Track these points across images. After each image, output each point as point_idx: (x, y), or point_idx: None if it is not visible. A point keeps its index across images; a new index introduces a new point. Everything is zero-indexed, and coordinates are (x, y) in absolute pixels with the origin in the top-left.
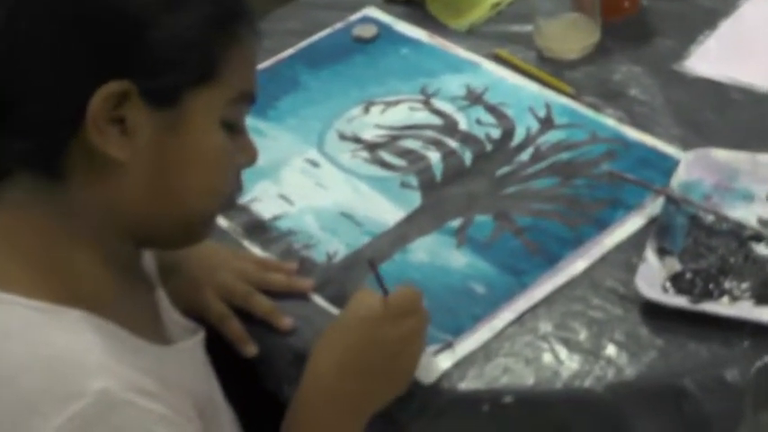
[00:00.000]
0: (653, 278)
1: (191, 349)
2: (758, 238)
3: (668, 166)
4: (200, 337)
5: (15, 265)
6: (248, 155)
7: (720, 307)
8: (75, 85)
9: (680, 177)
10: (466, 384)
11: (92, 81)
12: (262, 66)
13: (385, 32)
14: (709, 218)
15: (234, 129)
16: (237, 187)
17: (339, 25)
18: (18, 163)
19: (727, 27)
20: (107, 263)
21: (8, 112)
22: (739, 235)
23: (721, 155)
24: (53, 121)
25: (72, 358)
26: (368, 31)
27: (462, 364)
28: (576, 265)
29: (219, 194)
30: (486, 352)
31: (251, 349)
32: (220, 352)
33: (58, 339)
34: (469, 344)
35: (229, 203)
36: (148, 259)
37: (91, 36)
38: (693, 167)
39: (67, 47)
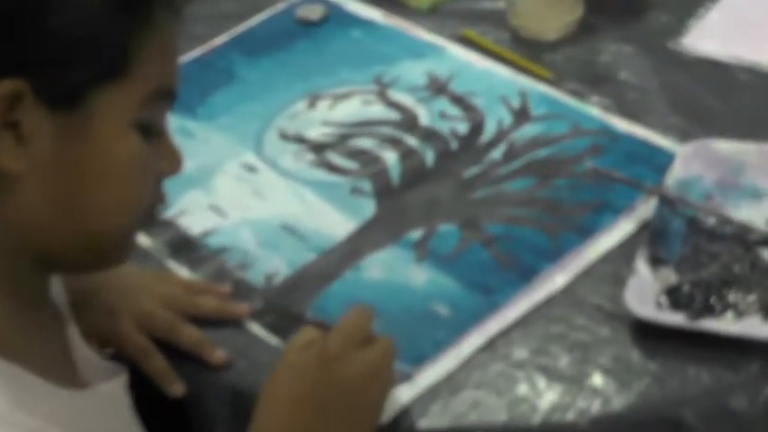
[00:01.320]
0: (645, 292)
1: (110, 393)
2: (767, 242)
3: (663, 161)
4: (121, 380)
5: None
6: (171, 162)
7: (724, 324)
8: None
9: (676, 174)
10: (428, 422)
11: None
12: (191, 55)
13: (334, 13)
14: (711, 220)
15: (152, 131)
16: (158, 200)
17: (281, 6)
18: None
19: None
20: (5, 293)
21: None
22: (745, 240)
23: (724, 147)
24: None
25: None
26: (314, 12)
27: (424, 399)
28: (556, 279)
29: (135, 209)
30: (451, 384)
31: (177, 388)
32: (145, 390)
33: None
34: (432, 374)
35: (149, 219)
36: (58, 290)
37: None
38: (692, 162)
39: None
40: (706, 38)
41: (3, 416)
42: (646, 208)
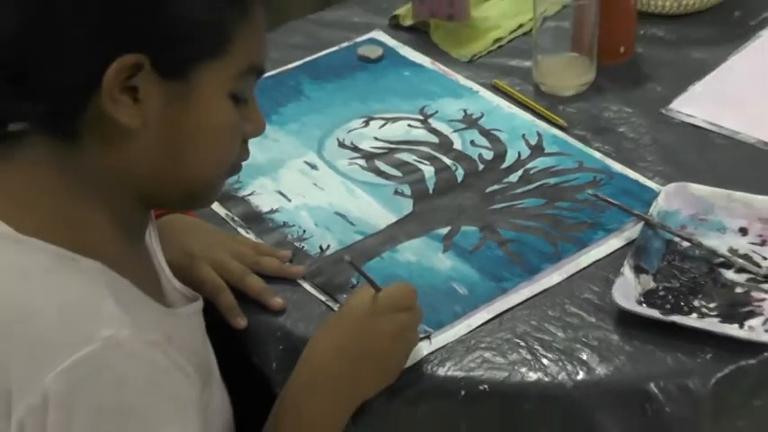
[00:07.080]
0: (628, 292)
1: (190, 315)
2: (728, 265)
3: (649, 197)
4: (199, 304)
5: (31, 217)
6: (255, 125)
7: (689, 320)
8: (93, 55)
9: (659, 206)
10: (444, 371)
11: (109, 52)
12: (267, 74)
13: (390, 54)
14: (684, 244)
15: (242, 100)
16: (243, 155)
17: (345, 45)
18: (33, 125)
19: (714, 77)
20: (117, 223)
21: (27, 76)
22: (710, 261)
23: (699, 189)
24: (70, 87)
25: (86, 305)
26: (373, 52)
27: (442, 354)
28: (554, 277)
29: (224, 163)
30: (466, 345)
31: (241, 321)
32: (211, 325)
33: (74, 285)
34: (448, 336)
35: (234, 170)
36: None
37: (111, 11)
38: (672, 198)
39: (88, 20)
40: (692, 107)
41: (113, 315)
42: (633, 230)
